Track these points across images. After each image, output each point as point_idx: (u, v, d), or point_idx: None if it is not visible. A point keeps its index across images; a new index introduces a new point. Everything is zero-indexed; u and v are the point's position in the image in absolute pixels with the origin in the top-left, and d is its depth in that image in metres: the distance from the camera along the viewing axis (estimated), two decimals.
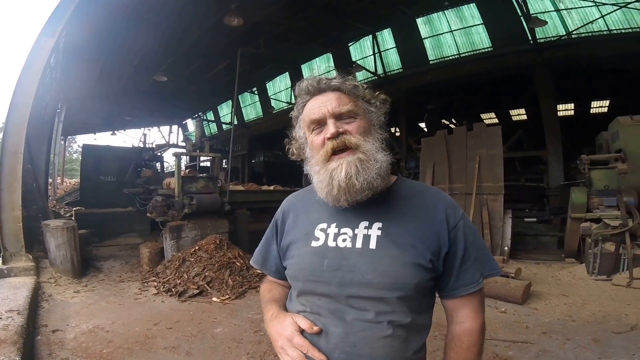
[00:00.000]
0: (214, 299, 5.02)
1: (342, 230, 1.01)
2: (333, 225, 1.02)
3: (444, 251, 0.99)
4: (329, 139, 0.98)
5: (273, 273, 1.21)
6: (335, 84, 1.04)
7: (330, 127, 0.98)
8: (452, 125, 15.34)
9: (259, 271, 5.59)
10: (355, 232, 0.99)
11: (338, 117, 1.00)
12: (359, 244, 0.97)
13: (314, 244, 1.02)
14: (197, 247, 5.94)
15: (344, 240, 0.99)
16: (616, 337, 3.60)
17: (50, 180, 14.75)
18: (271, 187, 9.02)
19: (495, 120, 18.09)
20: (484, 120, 17.56)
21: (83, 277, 5.91)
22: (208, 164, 17.64)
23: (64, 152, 19.96)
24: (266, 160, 18.99)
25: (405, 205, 1.03)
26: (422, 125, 14.47)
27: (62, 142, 18.68)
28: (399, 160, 11.79)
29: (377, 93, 1.10)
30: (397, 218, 1.00)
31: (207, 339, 3.82)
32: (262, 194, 8.63)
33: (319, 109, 1.01)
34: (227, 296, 5.08)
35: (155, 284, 5.61)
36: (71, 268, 5.74)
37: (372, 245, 0.96)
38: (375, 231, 0.98)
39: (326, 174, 0.96)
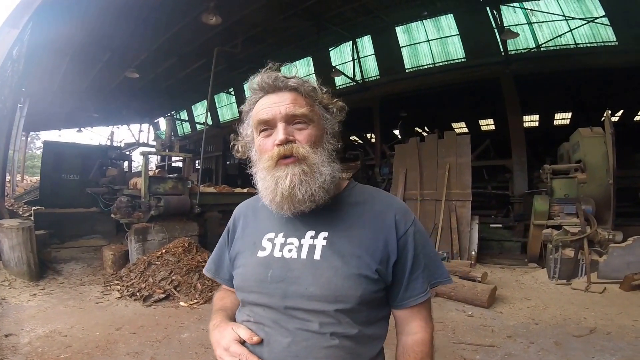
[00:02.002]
0: (182, 303, 4.88)
1: (289, 240, 0.97)
2: (280, 235, 0.99)
3: (393, 259, 0.95)
4: (277, 145, 0.92)
5: (227, 282, 1.15)
6: (292, 83, 0.96)
7: (280, 134, 0.92)
8: (424, 134, 15.76)
9: None
10: (302, 242, 0.96)
11: (290, 120, 0.94)
12: (304, 255, 0.94)
13: (260, 254, 0.98)
14: (164, 250, 5.76)
15: (290, 250, 0.95)
16: (576, 341, 3.72)
17: (9, 177, 13.90)
18: (244, 190, 8.87)
19: (465, 130, 18.63)
20: (455, 130, 18.05)
21: (40, 280, 5.63)
22: (180, 164, 17.19)
23: (25, 148, 18.84)
24: (241, 162, 18.65)
25: (354, 213, 0.99)
26: (397, 132, 14.76)
27: (24, 138, 17.66)
28: (373, 166, 11.96)
29: (335, 100, 1.04)
30: (344, 227, 0.97)
31: (173, 344, 3.71)
32: (234, 196, 8.47)
33: (271, 109, 0.94)
34: (195, 301, 4.94)
35: (119, 287, 5.41)
36: (27, 270, 5.46)
37: (317, 255, 0.93)
38: (320, 241, 0.95)
39: (272, 181, 0.93)
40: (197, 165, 15.67)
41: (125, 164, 10.74)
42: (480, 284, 5.24)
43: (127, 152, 11.43)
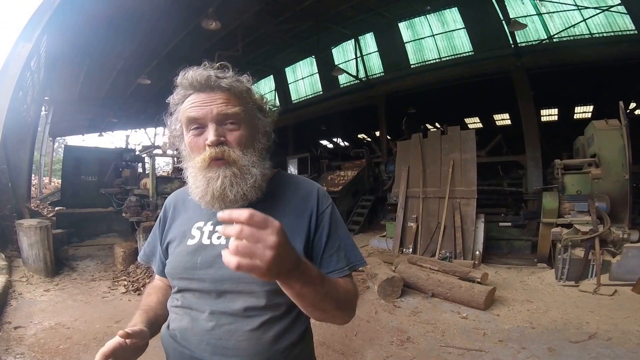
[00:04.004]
0: None
1: (218, 227, 0.99)
2: (209, 223, 1.02)
3: (312, 234, 1.00)
4: (209, 145, 0.93)
5: (157, 270, 1.19)
6: (225, 84, 0.94)
7: (211, 134, 0.92)
8: (434, 130, 15.40)
9: None
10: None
11: (222, 120, 0.94)
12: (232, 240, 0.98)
13: (190, 242, 1.02)
14: None
15: (219, 237, 0.99)
16: (572, 347, 3.55)
17: (36, 180, 14.84)
18: None
19: (480, 125, 18.07)
20: (468, 125, 17.57)
21: (56, 276, 5.88)
22: None
23: (52, 152, 19.92)
24: None
25: (281, 198, 1.04)
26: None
27: (51, 143, 18.70)
28: (379, 163, 11.84)
29: (267, 100, 1.06)
30: (272, 212, 0.96)
31: None
32: None
33: (202, 108, 0.93)
34: None
35: (125, 283, 5.63)
36: (44, 267, 5.74)
37: None
38: None
39: (203, 181, 0.94)
40: None
41: (140, 165, 11.18)
42: (478, 284, 5.05)
43: (144, 155, 11.95)
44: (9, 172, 6.59)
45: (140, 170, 10.47)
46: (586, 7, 8.84)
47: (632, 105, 12.52)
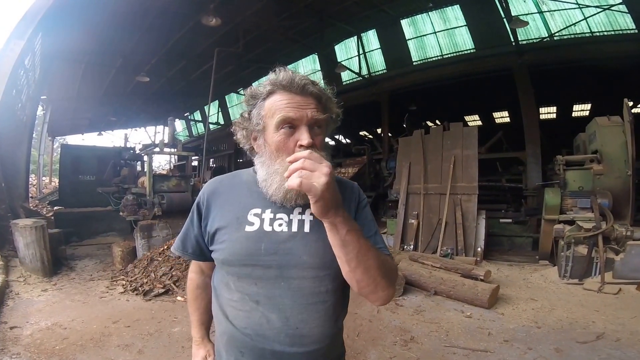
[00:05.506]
0: (179, 298, 4.99)
1: (278, 215, 1.04)
2: (268, 211, 1.05)
3: (354, 216, 1.08)
4: (301, 146, 0.97)
5: (191, 255, 1.20)
6: (317, 91, 1.02)
7: (305, 136, 0.98)
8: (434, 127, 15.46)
9: None
10: (291, 218, 1.04)
11: (312, 125, 1.00)
12: (294, 228, 1.03)
13: (249, 228, 1.04)
14: (165, 247, 5.92)
15: (280, 225, 1.03)
16: (580, 347, 3.46)
17: (35, 180, 14.76)
18: None
19: (479, 123, 18.14)
20: (468, 123, 17.65)
21: (54, 276, 5.85)
22: (195, 163, 17.82)
23: (52, 152, 19.80)
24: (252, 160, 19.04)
25: None
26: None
27: (51, 142, 18.56)
28: (380, 160, 11.81)
29: (339, 108, 1.13)
30: None
31: (163, 337, 3.79)
32: None
33: (299, 111, 0.99)
34: None
35: (124, 282, 5.58)
36: (41, 267, 5.71)
37: (307, 228, 1.03)
38: (308, 216, 1.04)
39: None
40: (210, 163, 16.21)
41: (139, 164, 11.11)
42: (482, 282, 4.97)
43: (143, 154, 11.92)
44: (3, 172, 6.50)
45: (139, 168, 10.40)
46: (587, 6, 8.83)
47: (630, 103, 12.50)
